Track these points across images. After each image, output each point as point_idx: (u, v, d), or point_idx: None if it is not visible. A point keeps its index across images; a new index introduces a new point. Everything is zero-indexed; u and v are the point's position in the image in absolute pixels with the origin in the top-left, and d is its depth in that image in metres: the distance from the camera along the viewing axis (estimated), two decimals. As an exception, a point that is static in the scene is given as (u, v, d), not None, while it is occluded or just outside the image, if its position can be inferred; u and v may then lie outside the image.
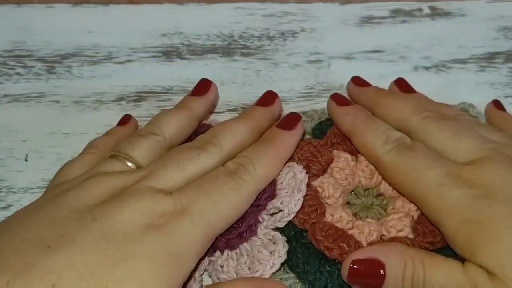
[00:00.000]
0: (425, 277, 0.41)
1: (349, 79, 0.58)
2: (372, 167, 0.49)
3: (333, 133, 0.50)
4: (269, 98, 0.51)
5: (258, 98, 0.57)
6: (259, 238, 0.45)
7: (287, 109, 0.56)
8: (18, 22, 0.62)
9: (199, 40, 0.62)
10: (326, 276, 0.44)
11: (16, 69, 0.60)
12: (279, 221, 0.45)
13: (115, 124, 0.55)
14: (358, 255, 0.42)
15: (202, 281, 0.45)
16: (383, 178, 0.48)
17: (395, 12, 0.64)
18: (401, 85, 0.53)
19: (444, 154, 0.44)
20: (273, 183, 0.47)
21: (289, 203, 0.45)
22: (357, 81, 0.54)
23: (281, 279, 0.45)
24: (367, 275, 0.41)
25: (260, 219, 0.46)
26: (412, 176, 0.44)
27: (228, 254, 0.45)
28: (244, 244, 0.45)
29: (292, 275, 0.46)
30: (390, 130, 0.47)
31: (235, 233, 0.45)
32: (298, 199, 0.45)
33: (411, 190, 0.44)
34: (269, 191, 0.46)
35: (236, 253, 0.45)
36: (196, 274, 0.44)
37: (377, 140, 0.46)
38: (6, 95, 0.58)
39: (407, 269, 0.41)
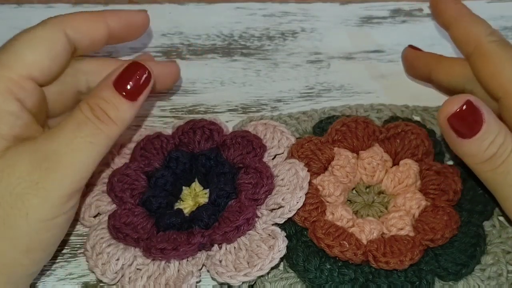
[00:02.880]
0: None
1: (349, 79, 0.59)
2: (374, 164, 0.49)
3: (334, 130, 0.50)
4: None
5: (257, 98, 0.57)
6: (258, 233, 0.45)
7: (287, 109, 0.56)
8: (18, 22, 0.62)
9: (199, 40, 0.62)
10: (326, 274, 0.44)
11: (16, 69, 0.59)
12: (279, 217, 0.45)
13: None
14: (470, 98, 0.42)
15: (200, 276, 0.45)
16: (473, 67, 0.49)
17: (395, 12, 0.64)
18: None
19: None
20: (271, 178, 0.47)
21: (290, 200, 0.45)
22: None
23: (281, 278, 0.45)
24: (468, 120, 0.42)
25: (259, 214, 0.46)
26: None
27: (226, 249, 0.45)
28: (243, 238, 0.45)
29: (292, 274, 0.45)
30: (492, 28, 0.49)
31: (232, 226, 0.45)
32: (300, 197, 0.45)
33: (504, 82, 0.46)
34: (267, 185, 0.46)
35: (234, 247, 0.45)
36: (194, 269, 0.44)
37: (482, 30, 0.49)
38: (5, 95, 0.58)
39: (500, 135, 0.42)
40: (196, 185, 0.50)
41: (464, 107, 0.42)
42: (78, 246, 0.49)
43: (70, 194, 0.42)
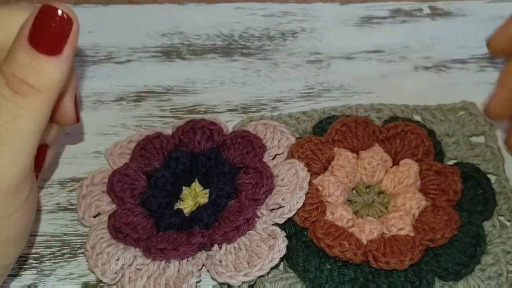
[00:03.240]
0: None
1: (349, 79, 0.59)
2: (374, 164, 0.49)
3: (334, 130, 0.50)
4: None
5: (257, 98, 0.57)
6: (258, 233, 0.45)
7: (287, 109, 0.56)
8: (18, 22, 0.62)
9: (199, 40, 0.62)
10: (326, 274, 0.44)
11: (16, 69, 0.59)
12: (279, 217, 0.45)
13: (115, 124, 0.55)
14: None
15: (200, 276, 0.45)
16: None
17: (395, 12, 0.64)
18: None
19: None
20: (271, 178, 0.47)
21: (290, 200, 0.45)
22: None
23: (281, 278, 0.45)
24: None
25: (259, 214, 0.46)
26: None
27: (226, 249, 0.45)
28: (243, 238, 0.45)
29: (292, 274, 0.45)
30: None
31: (232, 226, 0.45)
32: (300, 197, 0.45)
33: None
34: (267, 185, 0.46)
35: (234, 247, 0.45)
36: (194, 269, 0.44)
37: None
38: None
39: None
40: (196, 185, 0.50)
41: None
42: (78, 246, 0.48)
43: (16, 187, 0.37)
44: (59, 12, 0.34)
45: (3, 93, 0.34)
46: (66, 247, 0.48)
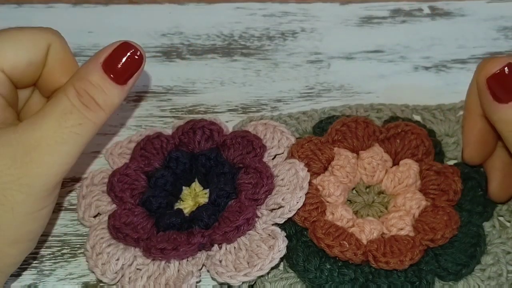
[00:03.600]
0: None
1: (349, 79, 0.59)
2: (374, 164, 0.49)
3: (334, 130, 0.50)
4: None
5: (257, 98, 0.57)
6: (258, 233, 0.45)
7: (287, 109, 0.56)
8: (18, 22, 0.62)
9: (199, 40, 0.62)
10: (326, 274, 0.44)
11: (16, 69, 0.59)
12: (279, 217, 0.45)
13: (115, 124, 0.55)
14: None
15: (200, 276, 0.45)
16: None
17: (395, 12, 0.64)
18: None
19: None
20: (271, 178, 0.47)
21: (290, 200, 0.45)
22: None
23: (281, 278, 0.45)
24: (508, 83, 0.41)
25: (259, 214, 0.46)
26: None
27: (226, 249, 0.45)
28: (243, 238, 0.45)
29: (292, 274, 0.46)
30: None
31: (232, 226, 0.45)
32: (300, 197, 0.45)
33: None
34: (267, 185, 0.46)
35: (234, 247, 0.45)
36: (194, 269, 0.44)
37: None
38: (5, 95, 0.58)
39: None
40: (196, 185, 0.50)
41: (506, 69, 0.41)
42: (78, 246, 0.49)
43: (54, 186, 0.41)
44: (138, 52, 0.42)
45: (75, 104, 0.40)
46: (66, 247, 0.48)
